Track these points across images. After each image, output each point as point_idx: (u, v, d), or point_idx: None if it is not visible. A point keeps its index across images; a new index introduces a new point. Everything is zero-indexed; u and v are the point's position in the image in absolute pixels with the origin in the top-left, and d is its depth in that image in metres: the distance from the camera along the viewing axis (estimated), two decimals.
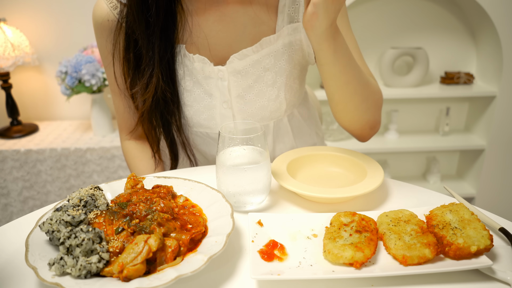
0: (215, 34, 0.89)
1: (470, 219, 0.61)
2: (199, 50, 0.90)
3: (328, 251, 0.57)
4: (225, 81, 0.90)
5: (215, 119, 0.94)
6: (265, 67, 0.90)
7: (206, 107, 0.93)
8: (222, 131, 0.70)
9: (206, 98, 0.92)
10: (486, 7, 1.96)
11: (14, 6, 2.02)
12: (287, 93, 0.95)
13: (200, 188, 0.71)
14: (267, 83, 0.92)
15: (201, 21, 0.88)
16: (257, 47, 0.88)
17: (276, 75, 0.92)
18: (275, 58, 0.90)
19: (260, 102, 0.93)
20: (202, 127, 0.96)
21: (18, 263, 0.60)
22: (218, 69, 0.89)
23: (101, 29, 0.91)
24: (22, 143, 1.95)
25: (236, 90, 0.91)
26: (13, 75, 2.10)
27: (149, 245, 0.55)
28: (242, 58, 0.88)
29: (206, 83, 0.91)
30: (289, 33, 0.90)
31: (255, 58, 0.89)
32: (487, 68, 2.21)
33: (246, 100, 0.93)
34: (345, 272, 0.55)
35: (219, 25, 0.88)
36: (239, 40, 0.89)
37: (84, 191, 0.66)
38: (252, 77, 0.91)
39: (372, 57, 2.31)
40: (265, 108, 0.94)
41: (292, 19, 0.89)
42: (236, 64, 0.89)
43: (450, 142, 2.28)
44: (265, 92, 0.92)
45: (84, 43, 2.05)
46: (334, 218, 0.64)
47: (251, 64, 0.89)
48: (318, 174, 0.84)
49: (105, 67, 0.96)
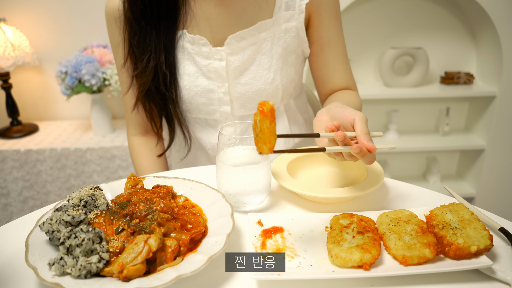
0: (216, 17, 0.93)
1: (470, 219, 0.61)
2: (199, 33, 0.94)
3: (336, 255, 0.56)
4: (223, 61, 0.94)
5: (213, 104, 0.98)
6: (261, 51, 0.95)
7: (204, 90, 0.96)
8: (222, 131, 0.70)
9: (204, 81, 0.95)
10: (486, 7, 1.96)
11: (14, 6, 2.02)
12: (283, 78, 0.98)
13: (200, 188, 0.71)
14: (263, 67, 0.95)
15: (203, 4, 0.93)
16: (254, 30, 0.93)
17: (272, 59, 0.95)
18: (271, 42, 0.95)
19: (257, 85, 0.96)
20: (201, 113, 1.00)
21: (18, 263, 0.60)
22: (217, 50, 0.93)
23: (112, 19, 0.96)
24: (22, 143, 1.95)
25: (234, 72, 0.95)
26: (13, 75, 2.10)
27: (149, 245, 0.55)
28: (239, 40, 0.93)
29: (204, 65, 0.94)
30: (285, 20, 0.94)
31: (252, 41, 0.94)
32: (487, 68, 2.21)
33: (242, 83, 0.96)
34: (345, 272, 0.55)
35: (219, 8, 0.92)
36: (237, 23, 0.93)
37: (84, 191, 0.66)
38: (249, 60, 0.95)
39: (372, 57, 2.31)
40: (261, 92, 0.97)
41: (289, 7, 0.94)
42: (234, 46, 0.93)
43: (450, 142, 2.28)
44: (262, 75, 0.96)
45: (84, 43, 2.04)
46: (333, 221, 0.64)
47: (247, 47, 0.94)
48: (318, 174, 0.84)
49: (115, 59, 1.01)
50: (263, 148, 0.56)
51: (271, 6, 0.93)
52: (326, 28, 0.96)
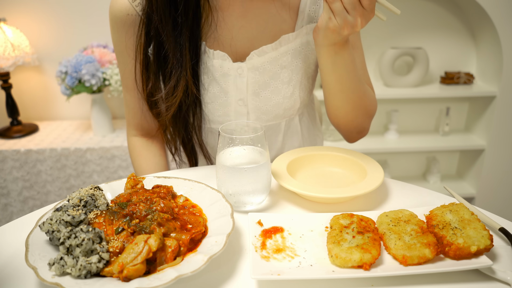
0: (238, 30, 0.89)
1: (470, 219, 0.61)
2: (219, 46, 0.89)
3: (336, 255, 0.56)
4: (244, 78, 0.90)
5: (229, 116, 0.95)
6: (282, 64, 0.91)
7: (222, 104, 0.93)
8: (222, 131, 0.70)
9: (222, 96, 0.92)
10: (486, 7, 1.96)
11: (14, 6, 2.02)
12: (301, 91, 0.96)
13: (200, 188, 0.71)
14: (283, 81, 0.93)
15: (225, 16, 0.87)
16: (276, 45, 0.89)
17: (292, 73, 0.93)
18: (292, 56, 0.91)
19: (276, 99, 0.94)
20: (215, 124, 0.97)
21: (18, 263, 0.60)
22: (238, 65, 0.89)
23: (119, 23, 0.88)
24: (22, 143, 1.95)
25: (253, 87, 0.92)
26: (13, 75, 2.10)
27: (149, 245, 0.55)
28: (261, 55, 0.89)
29: (223, 80, 0.90)
30: (307, 33, 0.91)
31: (273, 55, 0.90)
32: (487, 68, 2.21)
33: (261, 97, 0.93)
34: (345, 272, 0.55)
35: (242, 20, 0.88)
36: (259, 37, 0.90)
37: (84, 191, 0.66)
38: (269, 74, 0.91)
39: (372, 57, 2.31)
40: (279, 106, 0.95)
41: (312, 19, 0.91)
42: (255, 61, 0.89)
43: (450, 142, 2.28)
44: (281, 90, 0.93)
45: (84, 43, 2.04)
46: (333, 221, 0.64)
47: (269, 61, 0.90)
48: (318, 174, 0.84)
49: (118, 63, 0.95)
50: None
51: (293, 18, 0.90)
52: None
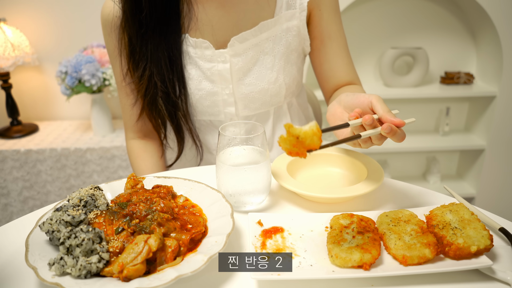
0: (218, 19, 0.93)
1: (470, 219, 0.61)
2: (201, 36, 0.94)
3: (336, 255, 0.56)
4: (226, 63, 0.93)
5: (218, 106, 0.98)
6: (264, 51, 0.95)
7: (209, 93, 0.96)
8: (222, 131, 0.70)
9: (208, 85, 0.95)
10: (486, 7, 1.96)
11: (14, 6, 2.02)
12: (286, 77, 0.98)
13: (200, 188, 0.71)
14: (266, 66, 0.95)
15: (206, 7, 0.92)
16: (256, 31, 0.93)
17: (274, 59, 0.96)
18: (274, 42, 0.95)
19: (260, 85, 0.96)
20: (206, 115, 0.99)
21: (18, 263, 0.60)
22: (220, 52, 0.93)
23: (108, 26, 0.94)
24: (22, 143, 1.95)
25: (237, 74, 0.95)
26: (13, 75, 2.10)
27: (149, 245, 0.55)
28: (242, 41, 0.93)
29: (207, 69, 0.94)
30: (286, 19, 0.94)
31: (254, 41, 0.94)
32: (487, 68, 2.21)
33: (246, 84, 0.96)
34: (345, 272, 0.55)
35: (221, 10, 0.92)
36: (239, 25, 0.93)
37: (84, 191, 0.66)
38: (252, 60, 0.95)
39: (372, 57, 2.31)
40: (265, 92, 0.97)
41: (290, 6, 0.94)
42: (237, 47, 0.93)
43: (450, 142, 2.28)
44: (265, 75, 0.96)
45: (84, 43, 2.04)
46: (333, 221, 0.64)
47: (250, 48, 0.94)
48: (318, 174, 0.84)
49: (112, 66, 1.00)
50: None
51: (272, 6, 0.94)
52: (326, 22, 0.96)
